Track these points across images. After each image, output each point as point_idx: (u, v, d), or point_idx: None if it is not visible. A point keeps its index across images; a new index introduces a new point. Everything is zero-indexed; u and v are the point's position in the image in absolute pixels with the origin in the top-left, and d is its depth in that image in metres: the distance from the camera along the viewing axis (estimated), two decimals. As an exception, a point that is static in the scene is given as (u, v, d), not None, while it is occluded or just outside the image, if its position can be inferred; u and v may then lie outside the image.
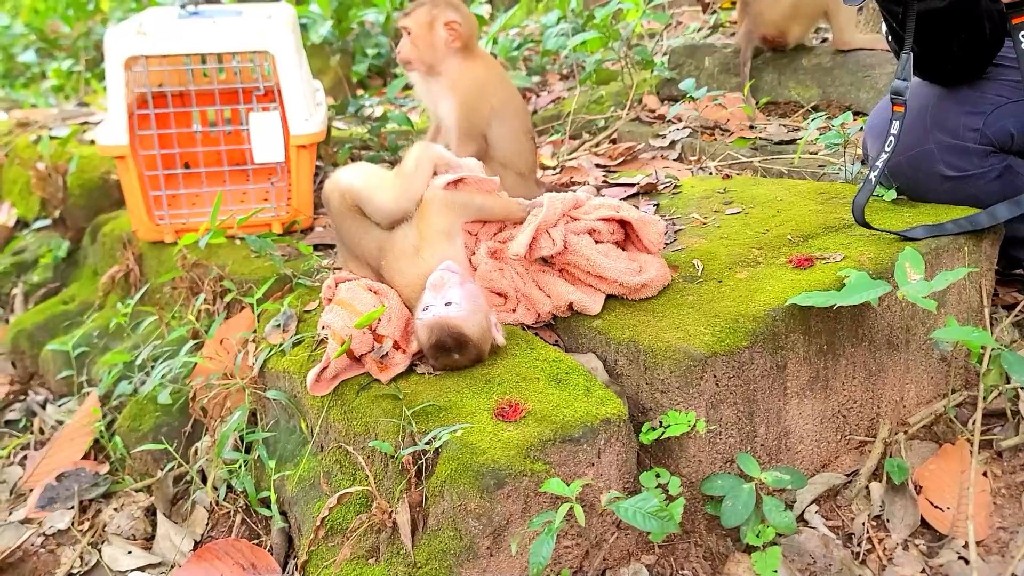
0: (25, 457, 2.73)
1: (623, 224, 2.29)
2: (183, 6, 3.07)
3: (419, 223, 2.18)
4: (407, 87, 5.25)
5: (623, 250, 2.29)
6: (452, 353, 2.01)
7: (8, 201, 3.93)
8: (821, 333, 2.13)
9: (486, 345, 2.06)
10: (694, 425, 1.96)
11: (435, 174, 2.27)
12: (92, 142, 3.71)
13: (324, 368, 2.08)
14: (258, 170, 3.02)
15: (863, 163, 2.95)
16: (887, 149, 2.33)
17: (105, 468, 2.54)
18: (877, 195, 2.54)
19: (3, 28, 7.14)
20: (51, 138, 3.74)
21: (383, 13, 5.40)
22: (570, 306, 2.21)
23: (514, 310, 2.24)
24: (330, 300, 2.21)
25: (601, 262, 2.19)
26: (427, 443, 1.84)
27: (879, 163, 2.34)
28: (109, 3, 6.74)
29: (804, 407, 2.14)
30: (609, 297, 2.23)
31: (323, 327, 2.15)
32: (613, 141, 3.91)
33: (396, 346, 2.10)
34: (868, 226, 2.35)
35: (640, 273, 2.20)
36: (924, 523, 2.02)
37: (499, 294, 2.26)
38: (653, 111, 4.08)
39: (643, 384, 2.04)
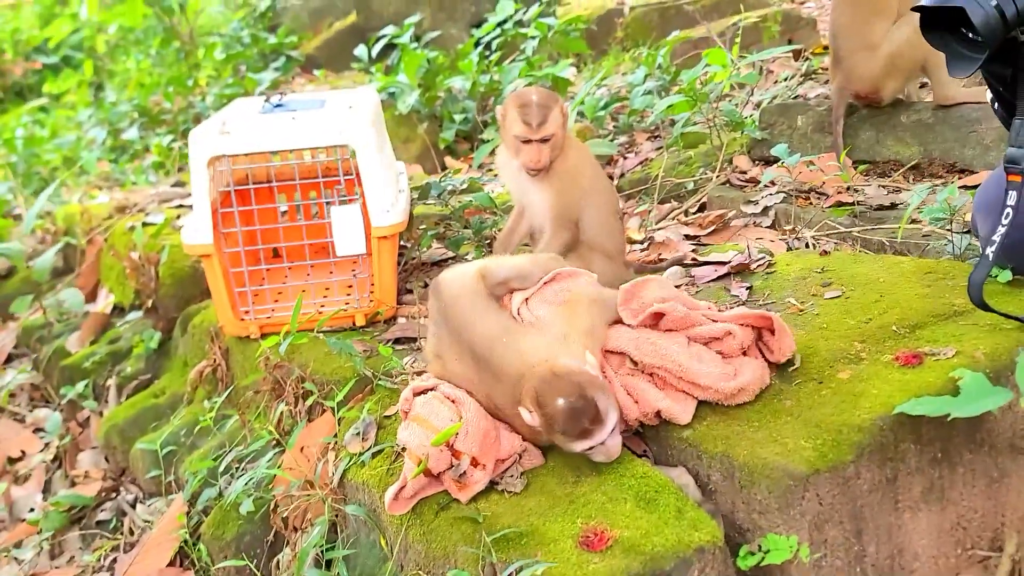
0: (115, 560, 2.72)
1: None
2: (266, 100, 3.07)
3: (568, 316, 2.14)
4: (494, 152, 5.20)
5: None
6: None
7: (106, 287, 4.00)
8: (934, 440, 1.95)
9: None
10: (796, 551, 1.80)
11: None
12: (184, 229, 3.75)
13: (402, 488, 1.99)
14: (341, 261, 2.98)
15: (968, 233, 2.74)
16: (1004, 222, 2.14)
17: (191, 576, 2.51)
18: (991, 275, 2.34)
19: (111, 104, 7.40)
20: (144, 225, 3.79)
21: (469, 79, 5.38)
22: (658, 413, 2.07)
23: None
24: (407, 413, 2.13)
25: (694, 368, 2.04)
26: (507, 580, 1.73)
27: (996, 237, 2.14)
28: (206, 79, 6.93)
29: (918, 521, 1.96)
30: (701, 402, 2.08)
31: (399, 443, 2.07)
32: (703, 206, 3.77)
33: (475, 463, 1.99)
34: (987, 308, 2.15)
35: (735, 377, 2.05)
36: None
37: None
38: (744, 173, 3.92)
39: (739, 503, 1.89)
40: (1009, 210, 2.13)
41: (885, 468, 1.90)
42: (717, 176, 3.92)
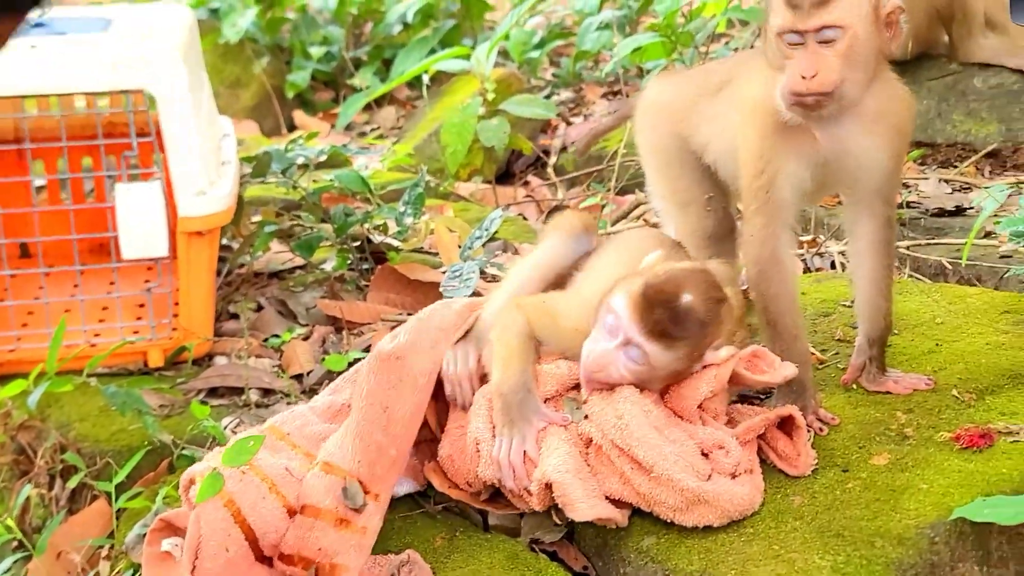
0: None
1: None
2: (19, 13, 3.06)
3: None
4: (369, 107, 5.24)
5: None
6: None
7: None
8: (1008, 560, 2.03)
9: None
10: None
11: None
12: None
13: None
14: (130, 268, 2.98)
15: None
16: None
17: None
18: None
19: None
20: None
21: (335, -8, 5.44)
22: (548, 487, 2.08)
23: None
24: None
25: (646, 439, 2.07)
26: None
27: None
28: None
29: None
30: (638, 512, 2.11)
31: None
32: (683, 201, 3.85)
33: (364, 488, 2.06)
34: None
35: (708, 480, 2.06)
36: None
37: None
38: (745, 153, 4.04)
39: (724, 650, 1.95)
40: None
41: (936, 600, 1.98)
42: (704, 157, 4.00)
